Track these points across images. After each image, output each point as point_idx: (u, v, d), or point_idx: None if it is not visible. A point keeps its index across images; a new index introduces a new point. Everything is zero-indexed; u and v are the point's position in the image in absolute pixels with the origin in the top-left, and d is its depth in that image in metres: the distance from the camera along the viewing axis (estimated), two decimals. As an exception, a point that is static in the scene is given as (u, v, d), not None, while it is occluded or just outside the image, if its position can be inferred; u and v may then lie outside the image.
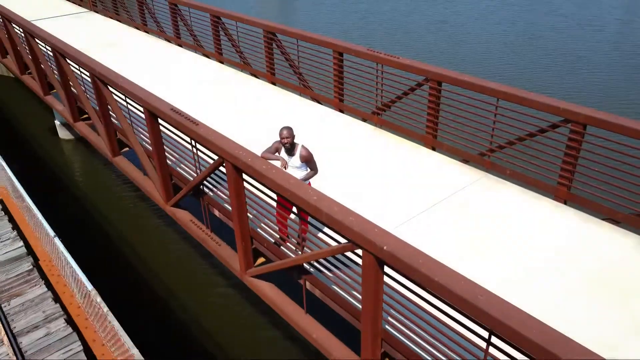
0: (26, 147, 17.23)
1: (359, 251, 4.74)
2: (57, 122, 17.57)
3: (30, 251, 7.70)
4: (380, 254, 4.38)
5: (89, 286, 5.81)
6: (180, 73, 13.14)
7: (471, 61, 23.84)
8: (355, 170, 8.40)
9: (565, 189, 7.36)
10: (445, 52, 25.50)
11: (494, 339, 3.95)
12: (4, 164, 8.91)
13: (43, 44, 12.01)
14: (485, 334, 3.98)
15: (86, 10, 20.38)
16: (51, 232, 6.81)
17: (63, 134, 17.52)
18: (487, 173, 8.18)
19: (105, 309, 5.57)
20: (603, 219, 7.02)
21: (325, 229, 5.55)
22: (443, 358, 4.57)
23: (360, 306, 5.14)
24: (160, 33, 16.02)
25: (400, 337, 5.08)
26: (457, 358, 4.39)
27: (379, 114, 9.95)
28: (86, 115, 11.96)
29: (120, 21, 18.44)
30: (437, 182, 7.95)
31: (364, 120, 10.33)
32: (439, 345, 4.54)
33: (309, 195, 5.06)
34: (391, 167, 8.46)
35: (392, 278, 4.69)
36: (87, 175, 15.39)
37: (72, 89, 11.47)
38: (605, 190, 6.92)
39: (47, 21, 17.92)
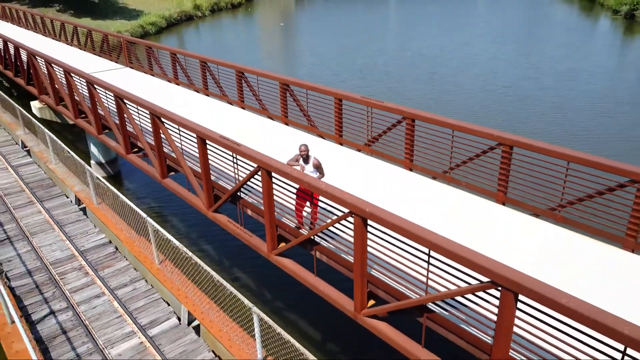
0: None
1: (352, 219, 7.48)
2: (92, 162, 20.52)
3: (110, 240, 10.42)
4: (364, 214, 7.14)
5: (177, 243, 8.51)
6: (210, 116, 16.15)
7: (452, 105, 27.24)
8: (354, 186, 11.12)
9: (502, 194, 10.17)
10: (434, 98, 29.02)
11: (432, 260, 6.67)
12: (95, 173, 11.74)
13: (103, 91, 15.11)
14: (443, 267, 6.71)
15: (122, 66, 23.80)
16: (143, 214, 9.55)
17: (96, 172, 20.43)
18: (449, 185, 11.01)
19: (190, 253, 8.27)
20: (529, 214, 9.79)
21: (328, 219, 8.31)
22: (406, 284, 7.25)
23: (353, 259, 7.83)
24: (191, 85, 19.25)
25: (380, 276, 7.76)
26: (414, 280, 7.09)
27: (370, 145, 12.87)
28: (136, 149, 14.91)
29: (153, 75, 21.77)
30: (415, 192, 10.71)
31: (359, 150, 13.23)
32: (404, 274, 7.24)
33: (319, 183, 7.89)
34: (381, 183, 11.22)
35: (374, 235, 7.42)
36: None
37: (127, 127, 14.46)
38: (530, 193, 9.71)
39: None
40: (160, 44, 31.14)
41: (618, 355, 5.15)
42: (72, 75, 17.13)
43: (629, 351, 4.99)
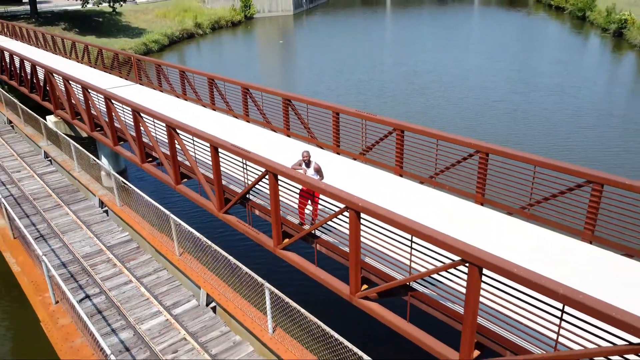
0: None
1: (347, 213, 8.80)
2: (102, 173, 21.80)
3: (134, 237, 11.75)
4: (358, 208, 8.46)
5: (197, 234, 9.82)
6: (217, 129, 17.49)
7: (444, 117, 28.81)
8: (352, 191, 12.33)
9: (480, 195, 11.53)
10: (426, 112, 30.61)
11: (417, 245, 7.97)
12: (121, 178, 13.06)
13: (120, 106, 16.48)
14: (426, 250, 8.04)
15: (132, 82, 25.26)
16: (166, 211, 10.88)
17: (106, 182, 21.69)
18: (434, 189, 12.36)
19: (209, 242, 9.57)
20: (505, 213, 11.13)
21: (327, 215, 9.63)
22: (393, 267, 8.56)
23: (348, 249, 9.13)
24: (198, 100, 20.68)
25: (372, 263, 9.07)
26: (400, 263, 8.40)
27: (364, 154, 14.25)
28: (150, 159, 16.25)
29: (162, 91, 23.22)
30: (405, 195, 12.04)
31: (354, 159, 14.60)
32: (394, 260, 8.56)
33: (319, 183, 9.24)
34: (375, 187, 12.52)
35: (367, 227, 8.73)
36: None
37: (142, 138, 15.81)
38: (504, 194, 11.06)
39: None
40: (163, 60, 32.65)
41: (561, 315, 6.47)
42: (90, 91, 18.54)
43: (567, 309, 6.32)
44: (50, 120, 23.35)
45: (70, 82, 20.08)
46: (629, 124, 28.72)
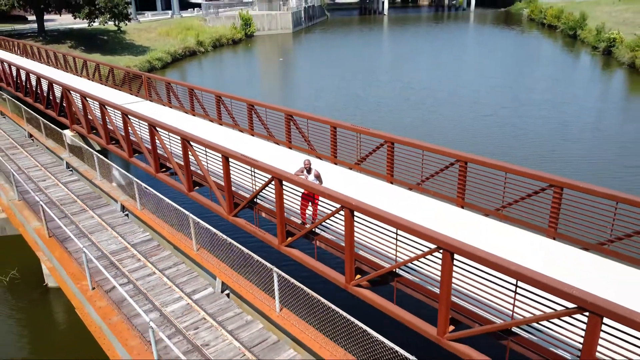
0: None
1: (343, 212, 10.30)
2: (113, 184, 23.32)
3: (154, 237, 13.24)
4: (352, 207, 9.97)
5: (213, 229, 11.32)
6: (224, 142, 19.03)
7: (436, 130, 30.44)
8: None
9: (461, 199, 13.07)
10: (419, 125, 32.27)
11: (401, 238, 9.47)
12: (139, 182, 14.59)
13: (137, 121, 18.05)
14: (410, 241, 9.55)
15: (142, 99, 26.89)
16: (186, 212, 12.38)
17: (118, 192, 23.17)
18: (421, 194, 13.90)
19: (224, 236, 11.06)
20: (483, 215, 12.65)
21: (325, 214, 11.14)
22: (384, 257, 10.06)
23: (344, 243, 10.62)
24: (206, 116, 22.29)
25: (365, 255, 10.55)
26: (386, 254, 9.90)
27: (359, 164, 15.81)
28: (164, 169, 17.76)
29: (171, 107, 24.83)
30: (396, 200, 13.54)
31: (350, 168, 16.15)
32: (383, 251, 10.06)
33: (318, 186, 10.78)
34: (369, 194, 14.00)
35: (360, 223, 10.23)
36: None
37: (157, 150, 17.34)
38: (480, 198, 12.59)
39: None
40: (167, 77, 34.33)
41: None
42: (106, 107, 20.12)
43: (520, 284, 7.81)
44: (67, 134, 24.92)
45: (87, 98, 21.67)
46: (614, 137, 30.40)
